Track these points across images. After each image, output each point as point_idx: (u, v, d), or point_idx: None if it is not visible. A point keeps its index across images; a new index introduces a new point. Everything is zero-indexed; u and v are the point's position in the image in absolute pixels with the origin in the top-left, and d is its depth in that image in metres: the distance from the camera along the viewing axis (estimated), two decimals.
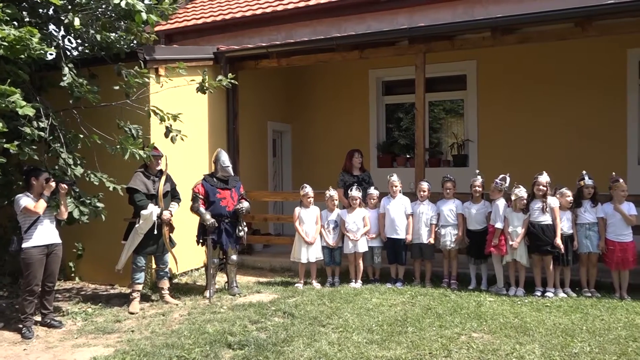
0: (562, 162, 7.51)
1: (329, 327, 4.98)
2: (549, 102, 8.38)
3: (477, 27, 6.86)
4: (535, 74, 8.46)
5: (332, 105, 10.08)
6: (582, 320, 5.02)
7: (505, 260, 6.12)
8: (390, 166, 9.49)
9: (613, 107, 8.06)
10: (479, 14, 7.63)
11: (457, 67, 9.09)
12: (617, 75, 8.05)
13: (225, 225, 6.37)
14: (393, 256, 6.66)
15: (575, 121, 8.20)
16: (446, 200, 6.56)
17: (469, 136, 9.15)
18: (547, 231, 5.88)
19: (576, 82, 8.21)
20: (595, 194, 6.01)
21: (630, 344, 4.37)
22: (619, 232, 5.82)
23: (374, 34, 7.52)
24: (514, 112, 8.60)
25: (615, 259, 5.81)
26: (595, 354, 4.18)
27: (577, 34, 6.51)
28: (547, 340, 4.51)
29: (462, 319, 5.11)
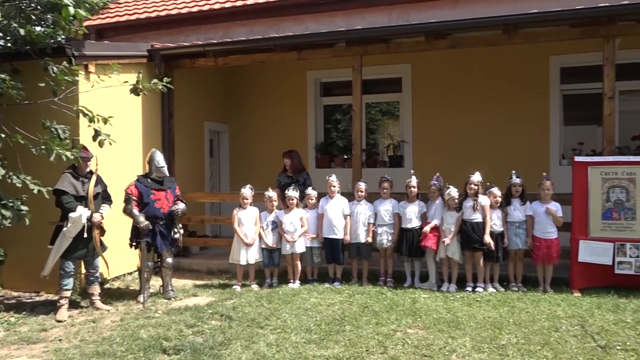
0: (493, 162, 7.82)
1: (267, 328, 4.96)
2: (479, 105, 8.73)
3: (411, 31, 7.06)
4: (466, 78, 8.80)
5: (270, 105, 10.05)
6: (510, 313, 5.27)
7: (439, 257, 6.32)
8: (329, 167, 9.58)
9: (537, 111, 8.52)
10: (414, 19, 7.85)
11: (393, 70, 9.30)
12: (541, 81, 8.53)
13: (160, 227, 6.20)
14: (331, 256, 6.72)
15: (503, 123, 8.59)
16: (383, 200, 6.69)
17: (404, 137, 9.39)
18: (477, 229, 6.13)
19: (504, 86, 8.61)
20: (524, 192, 6.31)
21: (553, 334, 4.63)
22: (544, 230, 6.15)
23: (312, 35, 7.57)
24: (447, 114, 8.91)
25: (541, 254, 6.14)
26: (521, 345, 4.40)
27: (504, 41, 6.82)
28: (477, 333, 4.70)
29: (398, 315, 5.23)
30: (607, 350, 4.24)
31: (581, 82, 8.52)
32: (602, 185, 6.08)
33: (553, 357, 4.14)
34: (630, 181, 5.99)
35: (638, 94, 8.83)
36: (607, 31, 6.33)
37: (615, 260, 5.92)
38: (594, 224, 6.07)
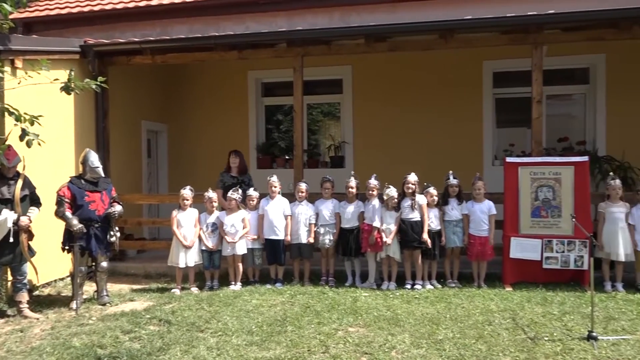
0: (430, 162, 8.05)
1: (208, 331, 4.88)
2: (417, 107, 8.96)
3: (351, 33, 7.16)
4: (405, 80, 9.01)
5: (211, 105, 9.89)
6: (446, 309, 5.44)
7: (380, 256, 6.44)
8: (270, 167, 9.54)
9: (472, 113, 8.85)
10: (354, 22, 7.96)
11: (334, 72, 9.39)
12: (475, 84, 8.86)
13: (94, 230, 5.96)
14: (272, 257, 6.70)
15: (440, 125, 8.85)
16: (324, 200, 6.74)
17: (345, 138, 9.50)
18: (415, 227, 6.29)
19: (441, 89, 8.88)
20: (460, 192, 6.53)
21: (486, 328, 4.82)
22: (479, 228, 6.39)
23: (253, 35, 7.52)
24: (386, 115, 9.09)
25: (476, 251, 6.38)
26: (457, 339, 4.55)
27: (441, 45, 7.04)
28: (416, 329, 4.82)
29: (340, 314, 5.28)
30: (535, 342, 4.46)
31: (512, 86, 8.91)
32: (531, 184, 6.40)
33: (487, 350, 4.31)
34: (556, 181, 6.33)
35: (564, 99, 9.36)
36: (535, 39, 6.67)
37: (543, 255, 6.25)
38: (524, 222, 6.38)
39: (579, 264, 6.16)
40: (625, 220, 6.10)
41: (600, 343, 4.37)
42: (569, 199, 6.27)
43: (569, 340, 4.48)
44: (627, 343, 4.39)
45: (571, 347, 4.33)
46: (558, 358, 4.13)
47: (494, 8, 7.15)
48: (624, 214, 6.11)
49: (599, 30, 6.70)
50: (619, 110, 8.35)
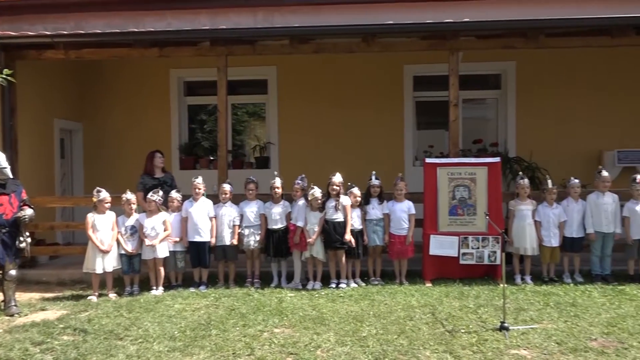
0: (354, 163, 8.20)
1: (127, 339, 4.69)
2: (341, 109, 9.10)
3: (276, 34, 7.16)
4: (330, 82, 9.12)
5: (130, 103, 9.51)
6: (370, 306, 5.57)
7: (305, 256, 6.48)
8: (193, 168, 9.33)
9: (393, 115, 9.13)
10: (278, 22, 7.93)
11: (259, 72, 9.35)
12: (396, 88, 9.14)
13: (2, 236, 5.58)
14: (196, 259, 6.55)
15: (363, 126, 9.04)
16: (249, 201, 6.68)
17: (270, 139, 9.48)
18: (339, 228, 6.38)
19: (364, 92, 9.07)
20: (382, 192, 6.70)
21: (408, 323, 4.98)
22: (398, 227, 6.58)
23: (174, 32, 7.31)
24: (311, 117, 9.16)
25: (396, 250, 6.58)
26: (380, 335, 4.67)
27: (363, 48, 7.21)
28: (340, 327, 4.89)
29: (265, 316, 5.26)
30: (453, 334, 4.67)
31: (431, 90, 9.29)
32: (449, 184, 6.69)
33: (408, 344, 4.46)
34: (471, 180, 6.66)
35: (478, 102, 9.89)
36: (452, 45, 6.98)
37: (460, 252, 6.55)
38: (442, 220, 6.66)
39: (492, 259, 6.51)
40: (532, 217, 6.52)
41: (512, 333, 4.63)
42: (482, 198, 6.62)
43: (484, 331, 4.73)
44: (534, 332, 4.69)
45: (485, 337, 4.57)
46: (474, 349, 4.34)
47: (414, 14, 7.39)
48: (531, 211, 6.53)
49: (509, 38, 7.13)
50: (528, 114, 8.93)
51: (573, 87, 8.81)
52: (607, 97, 8.76)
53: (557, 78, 8.82)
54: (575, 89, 8.81)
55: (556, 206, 6.57)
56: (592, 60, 8.56)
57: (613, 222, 6.47)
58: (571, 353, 4.22)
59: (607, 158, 8.58)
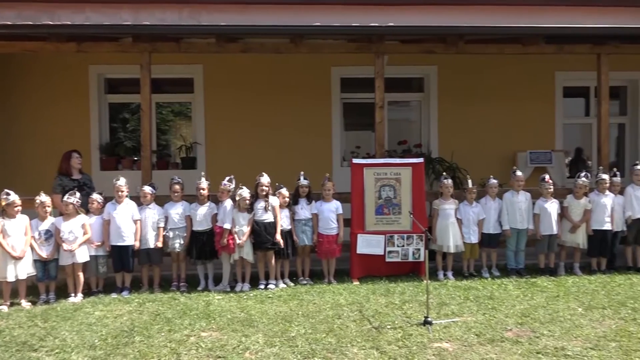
0: (283, 163, 8.19)
1: (43, 350, 4.43)
2: (269, 109, 9.06)
3: (202, 32, 7.02)
4: (258, 82, 9.05)
5: (44, 100, 8.95)
6: (299, 306, 5.59)
7: (233, 258, 6.40)
8: (115, 169, 8.94)
9: (321, 116, 9.21)
10: (205, 20, 7.78)
11: (185, 70, 9.12)
12: (324, 89, 9.23)
13: None
14: (119, 264, 6.30)
15: (292, 127, 9.05)
16: (174, 203, 6.51)
17: (197, 139, 9.27)
18: (268, 229, 6.35)
19: (293, 93, 9.07)
20: (310, 192, 6.75)
21: (336, 321, 5.05)
22: (327, 226, 6.65)
23: (94, 27, 6.97)
24: (240, 117, 9.05)
25: (324, 249, 6.64)
26: (309, 335, 4.70)
27: (291, 49, 7.22)
28: (269, 328, 4.88)
29: (192, 320, 5.14)
30: (380, 330, 4.79)
31: (358, 92, 9.46)
32: (375, 184, 6.85)
33: (336, 342, 4.52)
34: (397, 180, 6.86)
35: (403, 105, 10.19)
36: (377, 48, 7.15)
37: (386, 250, 6.72)
38: (369, 219, 6.80)
39: (416, 256, 6.73)
40: (454, 215, 6.81)
41: (435, 327, 4.82)
42: (407, 197, 6.83)
43: (409, 326, 4.88)
44: (456, 325, 4.90)
45: (410, 332, 4.72)
46: (399, 344, 4.47)
47: (342, 17, 7.49)
48: (454, 209, 6.82)
49: (431, 44, 7.41)
50: (449, 117, 9.31)
51: (490, 92, 9.28)
52: (520, 102, 9.30)
53: (475, 83, 9.26)
54: (491, 94, 9.29)
55: (475, 205, 6.90)
56: (506, 66, 9.06)
57: (526, 219, 6.89)
58: (489, 343, 4.45)
59: (520, 159, 9.13)
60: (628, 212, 6.96)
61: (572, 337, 4.58)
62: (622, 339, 4.51)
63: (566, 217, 6.93)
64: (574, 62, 8.53)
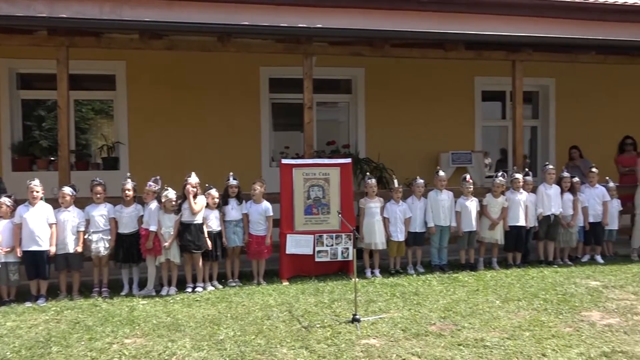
0: (211, 163, 8.07)
1: None
2: (197, 108, 8.87)
3: (124, 27, 6.75)
4: (184, 80, 8.83)
5: None
6: (227, 308, 5.52)
7: (159, 261, 6.21)
8: (30, 170, 8.41)
9: (250, 116, 9.14)
10: (127, 15, 7.49)
11: (106, 66, 8.74)
12: (253, 89, 9.17)
13: None
14: (34, 271, 5.93)
15: (220, 126, 8.92)
16: (96, 205, 6.23)
17: (120, 138, 8.91)
18: (196, 230, 6.22)
19: (221, 92, 8.92)
20: (240, 193, 6.67)
21: (265, 322, 5.03)
22: (257, 227, 6.61)
23: (4, 18, 6.51)
24: (166, 115, 8.79)
25: (254, 250, 6.60)
26: (238, 337, 4.64)
27: (219, 48, 7.10)
28: (197, 332, 4.77)
29: (114, 327, 4.93)
30: (309, 330, 4.82)
31: (287, 92, 9.47)
32: (304, 184, 6.88)
33: (266, 344, 4.50)
34: (325, 180, 6.93)
35: (332, 106, 10.31)
36: (306, 49, 7.19)
37: (315, 249, 6.78)
38: (298, 219, 6.83)
39: (345, 255, 6.84)
40: (380, 214, 6.98)
41: (363, 324, 4.92)
42: (336, 197, 6.92)
43: (337, 324, 4.95)
44: (383, 321, 5.02)
45: (339, 330, 4.78)
46: (328, 342, 4.52)
47: (270, 17, 7.49)
48: (379, 208, 6.99)
49: (358, 46, 7.55)
50: (376, 118, 9.54)
51: (414, 94, 9.59)
52: (443, 105, 9.70)
53: (401, 86, 9.54)
54: (416, 97, 9.60)
55: (402, 203, 7.10)
56: (430, 70, 9.40)
57: (449, 217, 7.18)
58: (414, 338, 4.60)
59: (443, 159, 9.51)
60: (540, 209, 7.42)
61: (490, 328, 4.82)
62: (535, 328, 4.80)
63: (485, 214, 7.29)
64: (491, 68, 8.99)
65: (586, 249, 7.75)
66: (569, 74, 9.81)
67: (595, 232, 7.66)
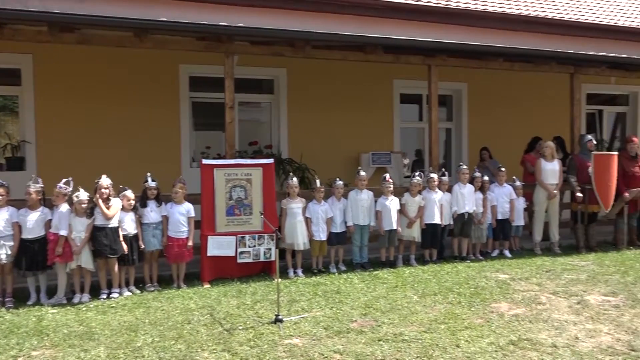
0: (127, 164, 7.74)
1: None
2: (112, 106, 8.47)
3: (31, 18, 6.33)
4: (98, 76, 8.41)
5: None
6: (145, 314, 5.33)
7: (70, 267, 5.88)
8: None
9: (169, 115, 8.87)
10: (35, 6, 7.03)
11: (11, 60, 8.14)
12: (172, 87, 8.90)
13: None
14: None
15: (138, 125, 8.56)
16: None
17: (25, 137, 8.32)
18: (110, 234, 5.94)
19: (138, 89, 8.60)
20: (159, 194, 6.46)
21: (186, 327, 4.91)
22: (177, 229, 6.43)
23: None
24: (78, 113, 8.32)
25: (174, 253, 6.42)
26: (156, 343, 4.50)
27: (135, 44, 6.84)
28: (112, 340, 4.57)
29: (20, 339, 4.62)
30: (231, 332, 4.76)
31: (208, 91, 9.29)
32: (226, 185, 6.79)
33: (186, 348, 4.39)
34: (247, 181, 6.88)
35: (254, 106, 10.24)
36: (227, 48, 7.09)
37: (238, 251, 6.70)
38: (220, 221, 6.73)
39: (267, 255, 6.82)
40: (302, 214, 7.02)
41: (285, 324, 4.93)
42: (258, 198, 6.89)
43: (260, 326, 4.92)
44: (305, 320, 5.06)
45: (262, 331, 4.76)
46: (251, 344, 4.49)
47: (190, 13, 7.32)
48: (301, 208, 7.03)
49: (280, 46, 7.56)
50: (298, 118, 9.58)
51: (336, 96, 9.74)
52: (363, 107, 9.92)
53: (323, 87, 9.66)
54: (337, 98, 9.75)
55: (324, 203, 7.18)
56: (351, 72, 9.59)
57: (368, 216, 7.36)
58: (336, 336, 4.67)
59: (364, 159, 9.73)
60: (454, 207, 7.79)
61: (408, 322, 5.00)
62: (450, 321, 5.04)
63: (403, 213, 7.54)
64: (409, 72, 9.31)
65: (495, 244, 8.22)
66: (480, 79, 10.38)
67: (504, 228, 8.15)
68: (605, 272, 6.87)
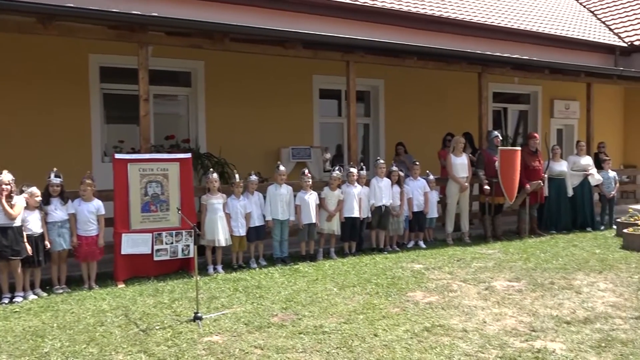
0: (32, 160, 7.23)
1: None
2: (16, 97, 7.85)
3: None
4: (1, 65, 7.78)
5: None
6: (53, 317, 5.03)
7: None
8: None
9: (78, 107, 8.37)
10: None
11: None
12: (81, 78, 8.40)
13: None
14: None
15: (44, 118, 8.02)
16: None
17: None
18: (11, 234, 5.53)
19: (42, 76, 8.02)
20: (63, 191, 6.11)
21: (98, 329, 4.69)
22: (86, 228, 6.12)
23: None
24: None
25: (84, 252, 6.11)
26: (66, 348, 4.27)
27: (40, 30, 6.38)
28: (16, 347, 4.28)
29: None
30: (148, 332, 4.60)
31: (121, 83, 8.86)
32: (141, 180, 6.54)
33: (99, 352, 4.20)
34: (164, 176, 6.67)
35: (170, 99, 9.92)
36: (140, 38, 6.80)
37: (154, 248, 6.49)
38: (135, 218, 6.47)
39: (186, 252, 6.66)
40: (223, 209, 6.92)
41: (205, 322, 4.84)
42: (175, 193, 6.70)
43: (178, 324, 4.80)
44: (226, 317, 5.00)
45: (180, 330, 4.65)
46: (169, 343, 4.37)
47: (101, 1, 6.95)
48: (222, 204, 6.92)
49: (197, 38, 7.36)
50: (217, 112, 9.41)
51: (255, 90, 9.66)
52: (283, 101, 9.91)
53: (242, 81, 9.54)
54: (257, 92, 9.67)
55: (243, 198, 7.11)
56: (271, 67, 9.55)
57: (288, 210, 7.38)
58: (257, 331, 4.66)
59: (284, 154, 9.74)
60: (372, 200, 8.00)
61: (328, 314, 5.08)
62: (368, 311, 5.18)
63: (323, 207, 7.64)
64: (328, 67, 9.43)
65: (411, 236, 8.55)
66: (396, 76, 10.70)
67: (419, 220, 8.49)
68: (510, 260, 7.37)
